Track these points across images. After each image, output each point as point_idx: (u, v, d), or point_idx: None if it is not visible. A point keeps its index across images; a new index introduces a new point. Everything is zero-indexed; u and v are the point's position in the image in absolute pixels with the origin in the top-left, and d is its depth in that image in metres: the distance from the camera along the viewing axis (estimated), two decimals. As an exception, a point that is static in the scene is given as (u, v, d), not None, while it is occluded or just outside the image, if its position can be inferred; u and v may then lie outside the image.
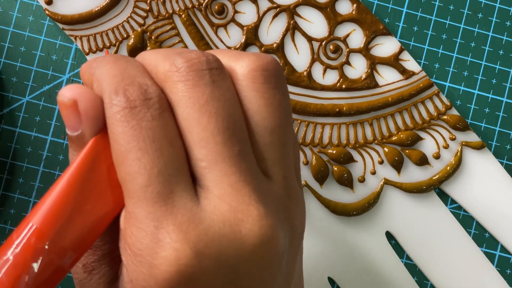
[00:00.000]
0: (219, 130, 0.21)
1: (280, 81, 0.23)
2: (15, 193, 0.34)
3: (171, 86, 0.21)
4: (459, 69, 0.35)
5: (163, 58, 0.22)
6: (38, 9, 0.34)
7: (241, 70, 0.22)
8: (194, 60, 0.21)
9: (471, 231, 0.35)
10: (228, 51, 0.23)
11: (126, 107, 0.21)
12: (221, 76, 0.22)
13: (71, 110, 0.21)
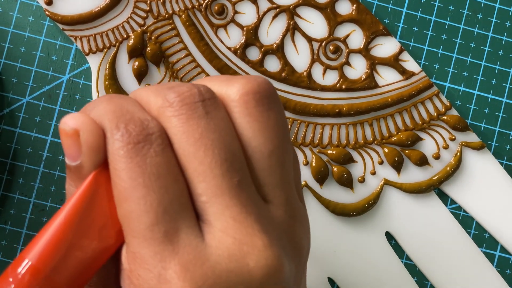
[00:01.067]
0: (216, 162, 0.20)
1: (273, 101, 0.22)
2: (15, 193, 0.34)
3: (165, 122, 0.21)
4: (459, 69, 0.35)
5: (154, 94, 0.22)
6: (38, 10, 0.34)
7: (233, 96, 0.22)
8: (186, 94, 0.21)
9: (471, 232, 0.35)
10: (217, 78, 0.23)
11: (129, 143, 0.20)
12: (214, 106, 0.21)
13: (72, 139, 0.21)
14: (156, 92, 0.22)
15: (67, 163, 0.22)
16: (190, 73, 0.33)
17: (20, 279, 0.20)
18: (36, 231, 0.34)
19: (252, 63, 0.34)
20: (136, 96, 0.23)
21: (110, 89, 0.33)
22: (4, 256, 0.33)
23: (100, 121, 0.21)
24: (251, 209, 0.21)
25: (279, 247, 0.21)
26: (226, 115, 0.22)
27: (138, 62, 0.33)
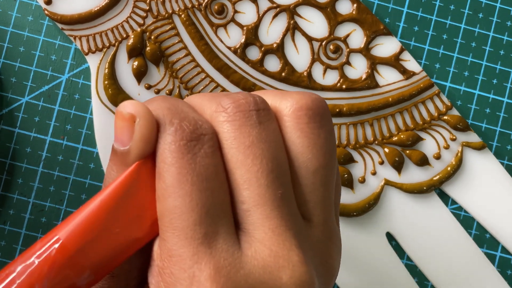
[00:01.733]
0: (262, 172, 0.21)
1: (325, 120, 0.22)
2: (14, 193, 0.33)
3: (218, 126, 0.21)
4: (460, 69, 0.35)
5: (209, 99, 0.22)
6: (37, 9, 0.34)
7: (286, 110, 0.22)
8: (241, 101, 0.21)
9: (472, 232, 0.34)
10: (273, 91, 0.23)
11: (182, 139, 0.20)
12: (267, 117, 0.21)
13: (127, 124, 0.21)
14: (211, 97, 0.22)
15: (114, 146, 0.21)
16: (190, 73, 0.33)
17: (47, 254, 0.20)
18: (36, 231, 0.33)
19: (252, 63, 0.34)
20: (191, 101, 0.23)
21: (110, 88, 0.33)
22: (3, 256, 0.33)
23: (155, 114, 0.21)
24: (291, 224, 0.21)
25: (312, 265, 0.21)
26: (278, 128, 0.22)
27: (137, 62, 0.33)
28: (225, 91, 0.33)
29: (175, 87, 0.33)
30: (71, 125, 0.34)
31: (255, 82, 0.33)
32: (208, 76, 0.33)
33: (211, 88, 0.33)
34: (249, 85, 0.33)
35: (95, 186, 0.34)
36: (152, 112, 0.21)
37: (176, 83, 0.33)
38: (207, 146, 0.21)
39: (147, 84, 0.33)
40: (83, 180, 0.34)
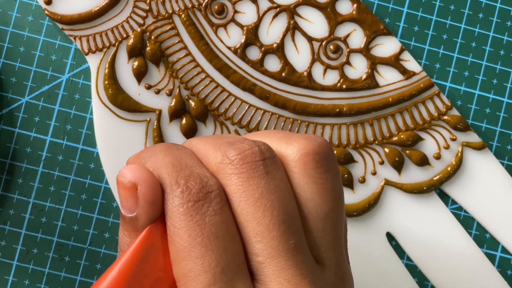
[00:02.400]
0: (274, 224, 0.20)
1: (331, 163, 0.22)
2: (14, 193, 0.33)
3: (224, 179, 0.21)
4: (460, 69, 0.35)
5: (213, 148, 0.22)
6: (37, 9, 0.34)
7: (292, 156, 0.22)
8: (247, 151, 0.21)
9: (472, 232, 0.34)
10: (276, 134, 0.23)
11: (189, 200, 0.20)
12: (274, 166, 0.21)
13: (130, 192, 0.21)
14: (215, 146, 0.22)
15: (122, 214, 0.21)
16: (190, 73, 0.33)
17: None
18: (36, 231, 0.33)
19: (252, 63, 0.34)
20: (193, 147, 0.23)
21: (110, 88, 0.33)
22: (3, 256, 0.33)
23: (158, 173, 0.21)
24: (306, 272, 0.21)
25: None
26: (285, 175, 0.22)
27: (137, 62, 0.33)
28: (225, 91, 0.33)
29: (175, 87, 0.33)
30: (71, 125, 0.34)
31: (255, 82, 0.33)
32: (208, 76, 0.33)
33: (211, 88, 0.33)
34: (249, 85, 0.33)
35: (95, 186, 0.34)
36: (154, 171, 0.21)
37: (176, 83, 0.33)
38: (215, 203, 0.20)
39: (147, 84, 0.33)
40: (83, 180, 0.34)
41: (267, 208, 0.21)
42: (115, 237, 0.34)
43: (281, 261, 0.20)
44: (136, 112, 0.33)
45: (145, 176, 0.21)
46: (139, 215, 0.21)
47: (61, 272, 0.34)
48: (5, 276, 0.33)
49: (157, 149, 0.22)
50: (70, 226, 0.34)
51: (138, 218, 0.21)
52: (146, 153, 0.22)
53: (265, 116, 0.33)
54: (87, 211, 0.34)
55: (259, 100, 0.33)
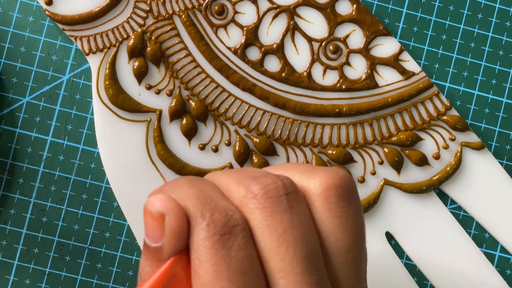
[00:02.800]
0: (297, 260, 0.20)
1: (353, 197, 0.22)
2: (15, 193, 0.34)
3: (248, 213, 0.21)
4: (459, 69, 0.35)
5: (236, 182, 0.22)
6: (38, 10, 0.34)
7: (314, 190, 0.22)
8: (271, 186, 0.21)
9: (471, 232, 0.35)
10: (297, 168, 0.23)
11: (215, 234, 0.20)
12: (297, 201, 0.21)
13: (157, 222, 0.21)
14: (239, 180, 0.22)
15: (146, 242, 0.21)
16: (190, 73, 0.33)
17: None
18: (37, 231, 0.34)
19: (252, 63, 0.34)
20: (215, 180, 0.23)
21: (110, 89, 0.33)
22: (4, 256, 0.33)
23: (184, 205, 0.21)
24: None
25: None
26: (307, 210, 0.22)
27: (138, 62, 0.33)
28: (225, 91, 0.33)
29: (175, 88, 0.33)
30: (72, 125, 0.34)
31: (255, 82, 0.33)
32: (208, 77, 0.33)
33: (211, 89, 0.33)
34: (249, 85, 0.33)
35: (95, 185, 0.34)
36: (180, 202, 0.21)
37: (176, 84, 0.33)
38: (240, 238, 0.20)
39: (148, 85, 0.33)
40: (84, 180, 0.34)
41: (290, 244, 0.21)
42: (116, 237, 0.34)
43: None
44: (137, 112, 0.33)
45: (174, 207, 0.21)
46: (164, 245, 0.21)
47: (61, 272, 0.34)
48: (6, 275, 0.33)
49: (180, 182, 0.22)
50: (71, 225, 0.34)
51: (162, 249, 0.21)
52: (169, 186, 0.22)
53: (265, 116, 0.34)
54: (88, 210, 0.34)
55: (259, 100, 0.34)
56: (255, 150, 0.34)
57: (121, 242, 0.34)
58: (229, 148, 0.34)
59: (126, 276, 0.34)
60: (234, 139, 0.34)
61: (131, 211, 0.33)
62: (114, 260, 0.34)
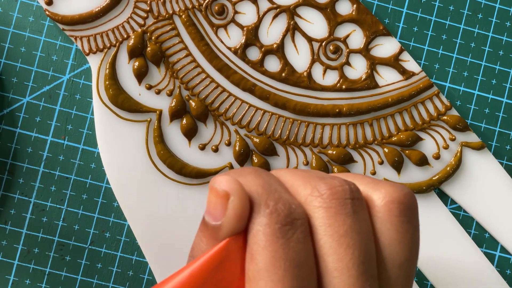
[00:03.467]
0: (354, 263, 0.21)
1: (414, 215, 0.23)
2: (15, 193, 0.34)
3: (311, 210, 0.21)
4: (459, 69, 0.35)
5: (303, 181, 0.22)
6: (38, 10, 0.34)
7: (378, 201, 0.22)
8: (338, 188, 0.21)
9: (471, 232, 0.35)
10: (362, 178, 0.23)
11: (277, 222, 0.21)
12: (361, 207, 0.22)
13: (221, 200, 0.21)
14: (305, 179, 0.22)
15: (205, 220, 0.22)
16: (190, 73, 0.33)
17: None
18: (37, 231, 0.34)
19: (252, 63, 0.34)
20: (280, 177, 0.23)
21: (110, 89, 0.33)
22: (4, 256, 0.33)
23: (248, 191, 0.21)
24: None
25: None
26: (369, 218, 0.22)
27: (138, 62, 0.33)
28: (226, 91, 0.33)
29: (175, 88, 0.33)
30: (72, 125, 0.34)
31: (255, 82, 0.34)
32: (208, 77, 0.33)
33: (211, 89, 0.33)
34: (249, 85, 0.33)
35: (96, 185, 0.34)
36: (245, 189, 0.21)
37: (176, 84, 0.33)
38: (299, 231, 0.21)
39: (148, 85, 0.33)
40: (84, 180, 0.34)
41: (349, 246, 0.21)
42: (116, 237, 0.34)
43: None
44: (137, 112, 0.33)
45: (239, 189, 0.21)
46: (224, 225, 0.21)
47: (62, 272, 0.34)
48: (6, 275, 0.33)
49: (246, 171, 0.22)
50: (71, 225, 0.34)
51: (221, 228, 0.21)
52: (235, 173, 0.22)
53: (265, 116, 0.34)
54: (88, 210, 0.34)
55: (259, 100, 0.34)
56: (255, 150, 0.34)
57: (121, 242, 0.34)
58: (229, 148, 0.34)
59: (126, 276, 0.34)
60: (234, 139, 0.34)
61: (131, 211, 0.33)
62: (114, 260, 0.34)
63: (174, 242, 0.33)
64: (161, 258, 0.33)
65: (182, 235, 0.33)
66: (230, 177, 0.21)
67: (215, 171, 0.33)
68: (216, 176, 0.22)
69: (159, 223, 0.33)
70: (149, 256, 0.33)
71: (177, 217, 0.33)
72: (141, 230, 0.33)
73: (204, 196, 0.33)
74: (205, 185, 0.33)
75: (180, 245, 0.33)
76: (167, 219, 0.33)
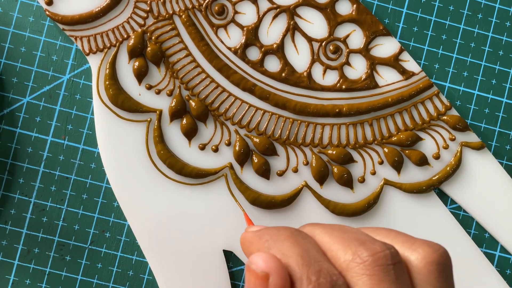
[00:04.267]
0: None
1: (450, 274, 0.23)
2: (15, 193, 0.34)
3: (354, 277, 0.21)
4: (459, 69, 0.35)
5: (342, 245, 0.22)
6: (38, 10, 0.34)
7: (416, 262, 0.23)
8: (380, 254, 0.22)
9: (471, 232, 0.35)
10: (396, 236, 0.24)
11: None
12: (402, 271, 0.22)
13: (261, 282, 0.21)
14: (344, 242, 0.22)
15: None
16: (190, 73, 0.33)
17: None
18: (37, 231, 0.34)
19: (252, 63, 0.34)
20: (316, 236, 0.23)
21: (110, 89, 0.33)
22: (4, 256, 0.33)
23: (286, 263, 0.21)
24: None
25: None
26: (409, 281, 0.22)
27: (138, 62, 0.33)
28: (226, 91, 0.33)
29: (175, 88, 0.33)
30: (72, 125, 0.34)
31: (255, 82, 0.34)
32: (208, 77, 0.33)
33: (211, 89, 0.33)
34: (249, 85, 0.33)
35: (96, 185, 0.34)
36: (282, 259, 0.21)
37: (176, 84, 0.33)
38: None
39: (148, 85, 0.33)
40: (84, 180, 0.34)
41: None
42: (116, 237, 0.34)
43: None
44: (137, 112, 0.33)
45: (277, 267, 0.21)
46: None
47: (62, 272, 0.34)
48: (6, 275, 0.33)
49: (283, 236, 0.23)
50: (71, 225, 0.34)
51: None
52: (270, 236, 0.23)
53: (265, 116, 0.34)
54: (88, 210, 0.34)
55: (259, 100, 0.34)
56: (255, 150, 0.34)
57: (121, 242, 0.34)
58: (229, 148, 0.34)
59: (126, 276, 0.34)
60: (234, 139, 0.34)
61: (131, 211, 0.33)
62: (114, 260, 0.34)
63: (174, 242, 0.33)
64: (161, 258, 0.33)
65: (182, 235, 0.33)
66: (267, 255, 0.21)
67: (215, 171, 0.33)
68: (253, 255, 0.22)
69: (159, 223, 0.33)
70: (149, 256, 0.33)
71: (177, 217, 0.33)
72: (141, 230, 0.33)
73: (204, 196, 0.33)
74: (205, 185, 0.33)
75: (180, 245, 0.33)
76: (167, 219, 0.33)
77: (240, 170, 0.34)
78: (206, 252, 0.33)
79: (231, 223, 0.33)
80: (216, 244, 0.33)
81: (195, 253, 0.33)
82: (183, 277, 0.33)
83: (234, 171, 0.33)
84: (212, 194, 0.33)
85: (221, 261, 0.33)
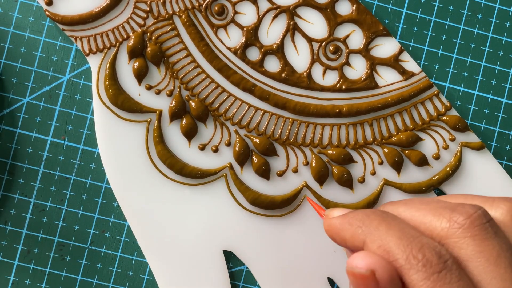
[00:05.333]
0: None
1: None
2: (15, 193, 0.34)
3: (457, 242, 0.22)
4: (459, 69, 0.35)
5: (433, 214, 0.23)
6: (38, 10, 0.34)
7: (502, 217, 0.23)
8: (474, 215, 0.22)
9: (471, 232, 0.35)
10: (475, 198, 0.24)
11: (434, 272, 0.21)
12: (497, 227, 0.23)
13: (370, 280, 0.21)
14: (436, 213, 0.23)
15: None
16: (190, 74, 0.33)
17: None
18: (37, 231, 0.34)
19: (252, 64, 0.34)
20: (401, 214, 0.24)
21: (110, 89, 0.33)
22: (4, 256, 0.33)
23: (386, 248, 0.22)
24: None
25: None
26: (504, 234, 0.23)
27: (138, 63, 0.33)
28: (226, 91, 0.33)
29: (175, 88, 0.33)
30: (72, 125, 0.34)
31: (255, 82, 0.34)
32: (208, 77, 0.33)
33: (211, 89, 0.33)
34: (249, 86, 0.33)
35: (96, 186, 0.34)
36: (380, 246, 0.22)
37: (176, 84, 0.33)
38: (454, 270, 0.21)
39: (148, 85, 0.33)
40: (84, 180, 0.34)
41: (507, 265, 0.22)
42: (116, 237, 0.34)
43: None
44: (137, 112, 0.33)
45: (379, 261, 0.21)
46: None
47: (62, 272, 0.34)
48: (6, 275, 0.33)
49: (375, 220, 0.23)
50: (71, 226, 0.34)
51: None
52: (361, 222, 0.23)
53: (265, 117, 0.34)
54: (88, 211, 0.34)
55: (259, 100, 0.34)
56: (255, 150, 0.34)
57: (121, 242, 0.34)
58: (229, 148, 0.34)
59: (126, 276, 0.34)
60: (234, 139, 0.34)
61: (131, 211, 0.33)
62: (114, 260, 0.34)
63: (174, 242, 0.33)
64: (161, 258, 0.33)
65: (182, 235, 0.33)
66: (362, 253, 0.22)
67: (215, 171, 0.33)
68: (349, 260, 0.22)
69: (159, 223, 0.33)
70: (149, 256, 0.33)
71: (177, 217, 0.33)
72: (141, 230, 0.33)
73: (204, 197, 0.33)
74: (205, 185, 0.33)
75: (180, 245, 0.33)
76: (167, 219, 0.33)
77: (240, 170, 0.34)
78: (206, 252, 0.33)
79: (231, 223, 0.33)
80: (216, 244, 0.33)
81: (195, 253, 0.33)
82: (183, 277, 0.33)
83: (234, 171, 0.33)
84: (212, 195, 0.33)
85: (221, 261, 0.33)
